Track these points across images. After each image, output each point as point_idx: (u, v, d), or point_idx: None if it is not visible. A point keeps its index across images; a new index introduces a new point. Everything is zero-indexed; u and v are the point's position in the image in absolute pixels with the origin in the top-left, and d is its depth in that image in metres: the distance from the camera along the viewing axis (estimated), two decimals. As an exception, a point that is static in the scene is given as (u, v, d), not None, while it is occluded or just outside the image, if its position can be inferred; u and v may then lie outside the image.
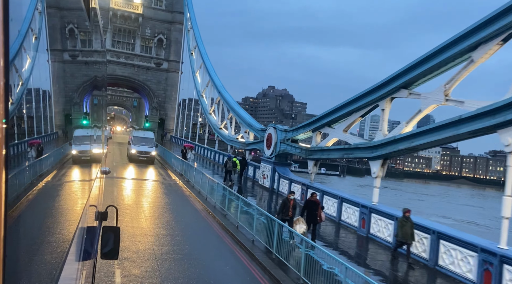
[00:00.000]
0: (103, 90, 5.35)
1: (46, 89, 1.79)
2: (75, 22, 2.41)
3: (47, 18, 1.62)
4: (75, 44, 2.54)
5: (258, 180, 26.61)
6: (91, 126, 3.46)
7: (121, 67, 73.85)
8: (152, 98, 76.07)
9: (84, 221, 2.77)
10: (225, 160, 28.06)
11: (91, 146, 3.20)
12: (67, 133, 2.52)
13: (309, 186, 19.46)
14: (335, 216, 16.99)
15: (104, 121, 7.20)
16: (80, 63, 2.84)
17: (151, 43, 75.57)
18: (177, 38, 76.33)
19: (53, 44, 1.81)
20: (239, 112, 33.70)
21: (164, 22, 76.00)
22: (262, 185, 25.37)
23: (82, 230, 2.67)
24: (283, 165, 24.22)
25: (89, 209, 3.15)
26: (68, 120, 2.60)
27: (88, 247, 3.16)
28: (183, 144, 45.42)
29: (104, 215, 4.22)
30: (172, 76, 76.68)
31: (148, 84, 75.63)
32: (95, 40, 3.59)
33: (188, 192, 21.85)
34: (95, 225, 3.81)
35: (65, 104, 2.49)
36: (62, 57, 2.03)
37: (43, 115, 1.80)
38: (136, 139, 33.07)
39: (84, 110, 3.28)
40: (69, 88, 2.36)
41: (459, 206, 64.18)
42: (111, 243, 3.55)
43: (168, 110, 76.84)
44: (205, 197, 19.69)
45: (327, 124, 18.85)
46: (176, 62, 76.57)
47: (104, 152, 6.43)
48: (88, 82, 2.92)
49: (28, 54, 1.15)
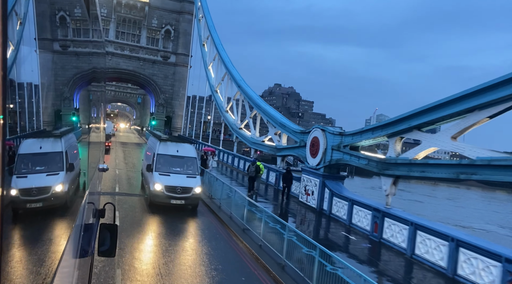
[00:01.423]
0: (102, 84, 5.39)
1: (32, 81, 1.50)
2: (67, 9, 2.19)
3: (35, 3, 1.40)
4: (66, 34, 2.31)
5: (298, 196, 21.01)
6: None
7: (125, 60, 68.39)
8: (158, 94, 70.61)
9: (82, 218, 2.82)
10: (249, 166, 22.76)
11: (52, 175, 1.92)
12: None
13: (386, 213, 13.88)
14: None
15: (102, 119, 6.47)
16: (72, 55, 2.60)
17: (158, 34, 70.02)
18: (186, 29, 70.76)
19: (41, 33, 1.62)
20: (266, 109, 28.10)
21: (172, 12, 70.41)
22: (304, 203, 19.78)
23: (79, 227, 2.66)
24: (335, 178, 18.63)
25: (87, 206, 3.18)
26: (58, 117, 2.23)
27: (85, 244, 3.18)
28: (201, 148, 39.88)
29: (101, 212, 4.37)
30: (180, 71, 71.13)
31: (154, 79, 70.16)
32: (92, 30, 3.34)
33: (220, 224, 16.27)
34: (92, 222, 3.82)
35: (54, 98, 2.12)
36: (52, 47, 1.92)
37: (27, 110, 1.45)
38: (164, 161, 16.34)
39: (74, 106, 2.77)
40: (59, 82, 2.20)
41: (474, 211, 58.48)
42: (109, 241, 3.53)
43: (175, 107, 71.34)
44: (243, 228, 14.11)
45: (418, 127, 13.25)
46: (185, 56, 71.00)
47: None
48: (79, 75, 2.72)
49: (10, 41, 1.01)
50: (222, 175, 26.55)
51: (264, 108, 28.26)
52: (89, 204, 3.47)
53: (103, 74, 5.64)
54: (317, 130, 19.65)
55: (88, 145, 3.66)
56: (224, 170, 30.92)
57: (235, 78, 36.45)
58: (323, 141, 18.82)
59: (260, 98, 30.58)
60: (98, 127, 5.42)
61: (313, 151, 19.66)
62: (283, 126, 24.87)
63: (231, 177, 27.68)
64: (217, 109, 43.33)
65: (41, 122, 1.79)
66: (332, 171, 18.74)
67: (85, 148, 3.41)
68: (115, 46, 67.54)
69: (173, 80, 71.24)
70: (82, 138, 3.22)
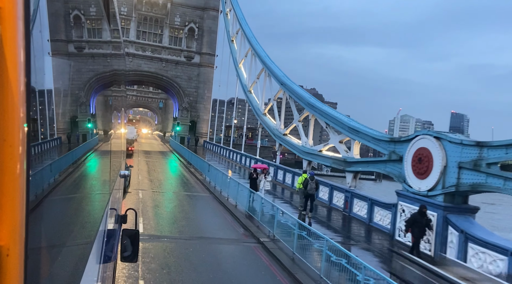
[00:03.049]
0: (122, 87, 5.19)
1: (46, 86, 1.41)
2: (82, 8, 2.06)
3: (48, 2, 1.30)
4: (81, 34, 2.12)
5: (381, 226, 14.83)
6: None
7: (147, 61, 63.79)
8: (182, 98, 65.68)
9: (105, 224, 2.82)
10: (303, 180, 16.96)
11: None
12: (70, 139, 1.91)
13: None
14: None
15: (123, 124, 6.40)
16: (88, 57, 2.42)
17: (181, 33, 65.15)
18: (211, 27, 65.60)
19: (55, 34, 1.51)
20: (325, 110, 22.08)
21: (196, 8, 65.40)
22: (402, 244, 13.61)
23: (102, 233, 2.68)
24: (463, 210, 12.43)
25: (109, 212, 3.16)
26: (74, 124, 2.09)
27: (108, 250, 3.15)
28: (248, 162, 32.99)
29: (124, 218, 4.38)
30: (205, 72, 65.96)
31: (177, 81, 65.25)
32: (109, 30, 3.11)
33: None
34: (115, 228, 3.85)
35: (70, 104, 2.00)
36: (67, 49, 1.81)
37: (39, 117, 1.38)
38: None
39: (91, 111, 2.57)
40: (75, 86, 2.07)
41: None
42: (131, 246, 3.59)
43: (200, 111, 66.15)
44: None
45: None
46: (210, 55, 65.77)
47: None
48: (95, 78, 2.52)
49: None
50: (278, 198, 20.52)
51: (322, 109, 22.25)
52: (112, 209, 3.49)
53: (123, 77, 5.34)
54: (426, 138, 13.48)
55: (110, 152, 3.54)
56: (277, 190, 25.05)
57: (276, 75, 30.62)
58: (439, 155, 12.65)
59: (314, 98, 24.57)
60: (119, 134, 5.19)
61: (420, 169, 13.49)
62: (355, 131, 18.77)
63: (289, 202, 21.62)
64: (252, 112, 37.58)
65: (55, 130, 1.59)
66: (456, 200, 12.55)
67: (105, 156, 3.22)
68: (136, 47, 63.08)
69: (197, 82, 66.17)
70: (99, 146, 2.85)
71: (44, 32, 1.31)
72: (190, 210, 17.59)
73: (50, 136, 1.52)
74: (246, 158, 37.73)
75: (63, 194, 1.57)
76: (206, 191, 22.95)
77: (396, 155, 15.18)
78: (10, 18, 0.65)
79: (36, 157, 1.22)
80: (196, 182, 26.17)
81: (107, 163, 3.35)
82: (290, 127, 28.28)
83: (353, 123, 19.45)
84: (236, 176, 28.72)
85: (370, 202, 16.76)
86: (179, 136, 62.03)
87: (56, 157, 1.61)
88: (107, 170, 3.29)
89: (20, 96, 0.67)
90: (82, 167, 2.27)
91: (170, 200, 19.22)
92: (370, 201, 16.80)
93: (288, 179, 25.37)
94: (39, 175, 1.15)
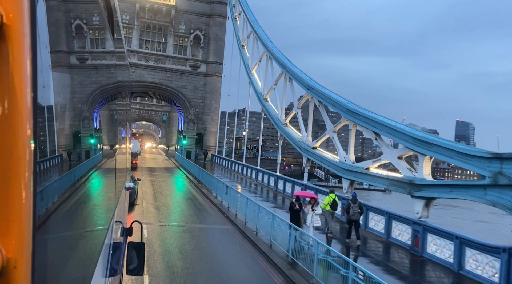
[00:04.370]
0: (126, 100, 5.03)
1: (46, 100, 1.34)
2: (84, 17, 1.91)
3: (48, 12, 1.23)
4: (84, 45, 2.02)
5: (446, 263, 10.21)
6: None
7: (150, 71, 59.94)
8: (187, 109, 61.58)
9: (111, 237, 2.78)
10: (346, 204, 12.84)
11: None
12: (71, 156, 1.70)
13: None
14: None
15: (128, 139, 6.18)
16: (90, 68, 2.29)
17: (186, 41, 61.42)
18: (217, 34, 61.87)
19: (55, 45, 1.44)
20: (372, 117, 17.68)
21: (201, 15, 61.80)
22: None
23: (108, 246, 2.65)
24: None
25: (115, 225, 3.13)
26: (77, 139, 1.94)
27: (114, 263, 3.14)
28: (267, 180, 27.00)
29: (129, 231, 4.44)
30: (212, 81, 61.97)
31: (183, 92, 61.25)
32: (112, 40, 3.00)
33: None
34: (121, 241, 3.86)
35: (72, 119, 1.85)
36: (68, 60, 1.67)
37: (39, 133, 1.28)
38: None
39: (94, 126, 2.39)
40: (77, 99, 1.94)
41: None
42: (136, 259, 3.63)
43: (207, 123, 61.91)
44: None
45: None
46: (217, 64, 61.84)
47: None
48: (99, 90, 2.42)
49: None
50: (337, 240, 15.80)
51: (370, 116, 17.83)
52: (117, 222, 3.44)
53: (127, 89, 5.23)
54: None
55: (115, 164, 3.45)
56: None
57: (300, 79, 26.40)
58: None
59: (354, 104, 20.21)
60: (124, 148, 5.09)
61: None
62: (426, 144, 14.26)
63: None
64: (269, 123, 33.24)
65: (56, 146, 1.49)
66: None
67: (110, 169, 3.12)
68: (138, 57, 59.34)
69: (204, 92, 62.18)
70: (102, 164, 2.61)
71: (44, 44, 1.22)
72: (212, 254, 13.09)
73: (51, 153, 1.40)
74: (264, 174, 33.25)
75: (68, 207, 1.53)
76: (226, 220, 18.44)
77: (506, 178, 10.69)
78: (17, 35, 0.66)
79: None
80: (211, 207, 21.70)
81: (112, 176, 3.22)
82: (321, 139, 23.87)
83: (419, 133, 15.00)
84: (258, 197, 24.24)
85: (459, 241, 12.19)
86: (185, 150, 57.73)
87: (57, 176, 1.45)
88: (112, 182, 3.18)
89: (27, 112, 0.69)
90: (87, 180, 2.13)
91: (184, 239, 14.73)
92: (458, 239, 12.23)
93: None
94: (45, 190, 1.15)
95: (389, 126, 16.46)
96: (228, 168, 46.79)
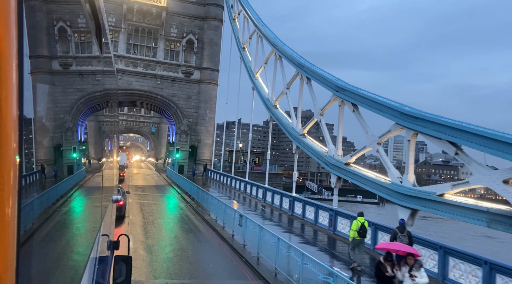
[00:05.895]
0: (114, 109, 4.84)
1: (26, 110, 1.11)
2: (67, 19, 1.72)
3: (27, 13, 1.05)
4: (67, 49, 1.86)
5: None
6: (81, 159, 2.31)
7: (138, 78, 54.63)
8: (180, 120, 56.25)
9: (96, 250, 2.72)
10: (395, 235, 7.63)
11: None
12: (44, 171, 1.47)
13: None
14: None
15: (115, 151, 5.92)
16: (75, 75, 2.08)
17: (178, 46, 56.44)
18: (212, 39, 57.09)
19: (36, 49, 1.29)
20: (452, 124, 12.84)
21: (194, 18, 57.05)
22: None
23: (94, 260, 2.59)
24: None
25: (101, 238, 3.08)
26: (59, 153, 1.71)
27: (100, 277, 3.04)
28: (278, 201, 17.57)
29: (116, 244, 4.29)
30: (206, 89, 56.89)
31: (174, 101, 56.00)
32: (98, 44, 2.73)
33: None
34: (107, 255, 3.76)
35: (53, 130, 1.63)
36: (50, 66, 1.52)
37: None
38: None
39: (79, 138, 2.19)
40: (60, 109, 1.73)
41: None
42: (124, 273, 3.50)
43: (201, 134, 56.59)
44: None
45: None
46: (212, 70, 56.91)
47: None
48: (84, 99, 2.22)
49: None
50: None
51: (446, 122, 12.99)
52: (104, 236, 3.34)
53: (115, 97, 4.86)
54: None
55: (101, 177, 3.33)
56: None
57: (325, 80, 21.62)
58: None
59: (412, 107, 15.37)
60: (111, 162, 4.97)
61: None
62: None
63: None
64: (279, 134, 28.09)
65: (34, 161, 1.34)
66: None
67: (97, 182, 3.00)
68: (126, 62, 54.07)
69: (197, 101, 57.09)
70: (84, 181, 2.37)
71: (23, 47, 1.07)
72: None
73: (28, 170, 1.25)
74: (274, 194, 28.07)
75: (53, 223, 1.48)
76: (246, 269, 13.14)
77: None
78: (5, 55, 0.66)
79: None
80: (221, 244, 16.36)
81: (99, 189, 3.11)
82: (359, 153, 18.95)
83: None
84: (280, 229, 19.03)
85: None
86: (177, 164, 52.21)
87: (36, 194, 1.34)
88: (99, 196, 3.08)
89: (13, 127, 0.68)
90: (72, 195, 2.02)
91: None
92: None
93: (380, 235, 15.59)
94: (29, 207, 1.12)
95: (481, 135, 11.60)
96: (225, 184, 41.53)
